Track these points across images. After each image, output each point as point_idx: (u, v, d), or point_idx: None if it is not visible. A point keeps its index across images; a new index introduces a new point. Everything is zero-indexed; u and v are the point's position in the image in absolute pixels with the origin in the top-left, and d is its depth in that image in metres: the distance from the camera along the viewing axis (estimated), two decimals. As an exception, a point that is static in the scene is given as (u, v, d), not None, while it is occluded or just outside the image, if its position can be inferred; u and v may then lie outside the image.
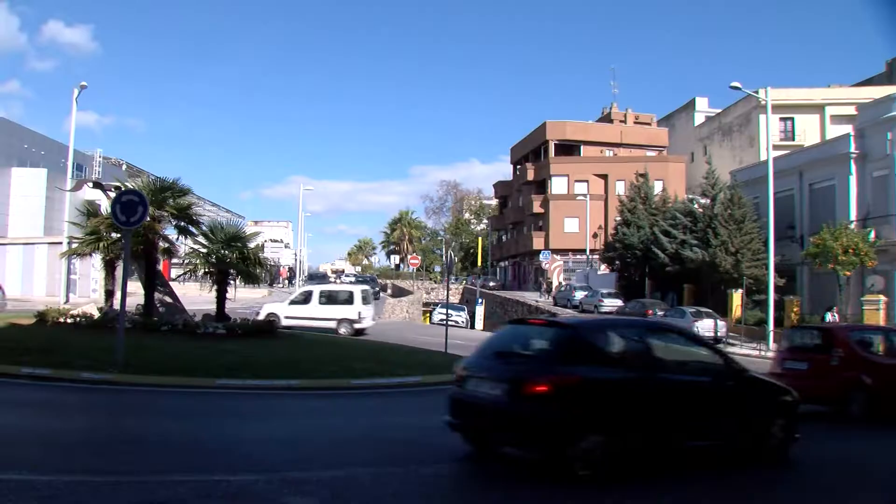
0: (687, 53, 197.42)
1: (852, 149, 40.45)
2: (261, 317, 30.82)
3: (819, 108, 61.72)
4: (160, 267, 28.25)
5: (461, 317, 51.58)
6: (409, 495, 7.94)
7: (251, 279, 28.57)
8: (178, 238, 27.46)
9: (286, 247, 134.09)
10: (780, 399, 11.13)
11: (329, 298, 34.55)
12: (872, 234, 37.03)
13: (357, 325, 33.17)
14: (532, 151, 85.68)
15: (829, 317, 33.79)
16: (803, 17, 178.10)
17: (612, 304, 49.58)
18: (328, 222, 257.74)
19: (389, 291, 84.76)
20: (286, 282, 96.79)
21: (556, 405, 8.71)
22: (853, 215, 39.57)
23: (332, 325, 32.72)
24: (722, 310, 41.50)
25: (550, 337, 9.93)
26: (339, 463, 9.26)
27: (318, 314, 33.30)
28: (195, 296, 41.95)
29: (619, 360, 9.91)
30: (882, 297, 35.30)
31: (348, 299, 34.01)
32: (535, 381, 8.91)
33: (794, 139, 60.25)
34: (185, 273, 31.48)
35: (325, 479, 8.24)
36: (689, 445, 9.88)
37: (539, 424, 8.73)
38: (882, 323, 34.11)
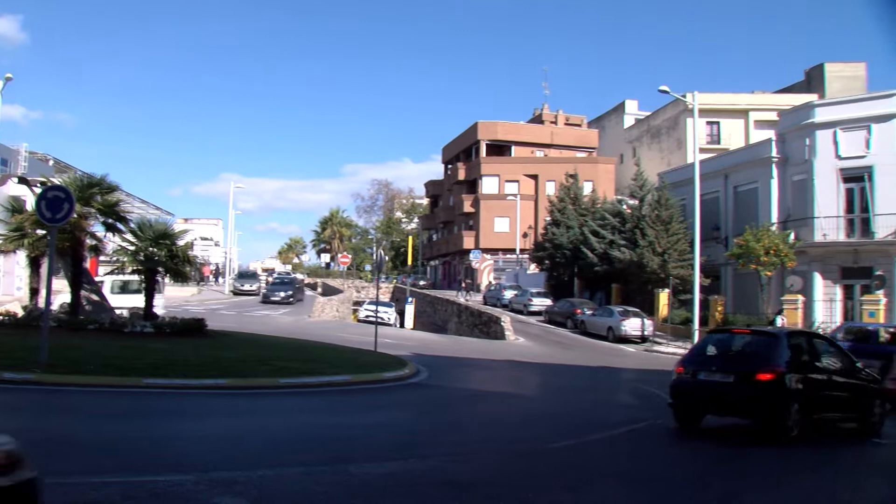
0: (618, 57, 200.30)
1: (774, 153, 41.44)
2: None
3: (743, 113, 63.15)
4: (87, 265, 27.69)
5: (389, 314, 51.29)
6: (338, 494, 7.90)
7: (180, 277, 28.17)
8: (105, 235, 26.91)
9: (216, 245, 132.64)
10: (879, 389, 15.39)
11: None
12: (792, 236, 38.00)
13: None
14: (463, 151, 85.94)
15: (779, 320, 34.54)
16: (729, 24, 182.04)
17: (541, 303, 50.09)
18: (259, 220, 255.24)
19: (320, 290, 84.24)
20: (214, 279, 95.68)
21: (775, 387, 12.55)
22: (775, 217, 40.53)
23: None
24: (649, 309, 42.25)
25: (761, 342, 14.07)
26: (268, 462, 9.16)
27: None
28: (123, 294, 41.29)
29: (804, 357, 13.76)
30: (800, 297, 36.33)
31: None
32: (763, 371, 12.78)
33: (719, 143, 61.50)
34: (112, 271, 30.83)
35: (253, 478, 8.15)
36: (827, 417, 14.01)
37: (766, 400, 12.56)
38: (799, 323, 35.17)
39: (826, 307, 37.51)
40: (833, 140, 38.54)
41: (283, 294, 58.53)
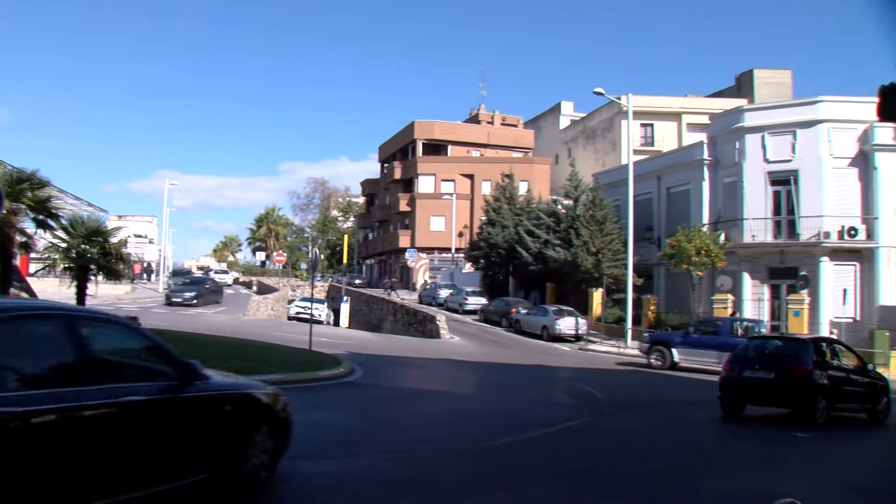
0: (554, 58, 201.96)
1: (705, 156, 42.21)
2: None
3: (677, 116, 64.10)
4: (17, 262, 27.12)
5: (321, 311, 50.68)
6: (271, 494, 7.92)
7: (113, 275, 27.69)
8: (36, 232, 26.38)
9: (150, 242, 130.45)
10: (884, 385, 18.48)
11: None
12: (722, 237, 38.71)
13: None
14: (400, 150, 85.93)
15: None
16: (664, 29, 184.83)
17: (476, 302, 50.31)
18: (195, 218, 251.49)
19: (255, 288, 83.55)
20: (146, 276, 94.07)
21: (807, 382, 15.72)
22: (706, 218, 41.28)
23: None
24: (583, 308, 42.72)
25: (793, 346, 17.51)
26: None
27: None
28: (55, 292, 40.27)
29: (827, 358, 16.87)
30: (730, 297, 37.07)
31: None
32: (798, 369, 15.92)
33: (653, 144, 62.34)
34: (43, 268, 30.20)
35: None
36: (846, 408, 17.26)
37: (801, 392, 15.75)
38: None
39: (754, 306, 38.35)
40: (761, 144, 39.41)
41: (187, 295, 53.01)
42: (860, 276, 37.74)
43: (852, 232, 37.02)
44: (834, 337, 26.75)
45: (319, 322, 29.32)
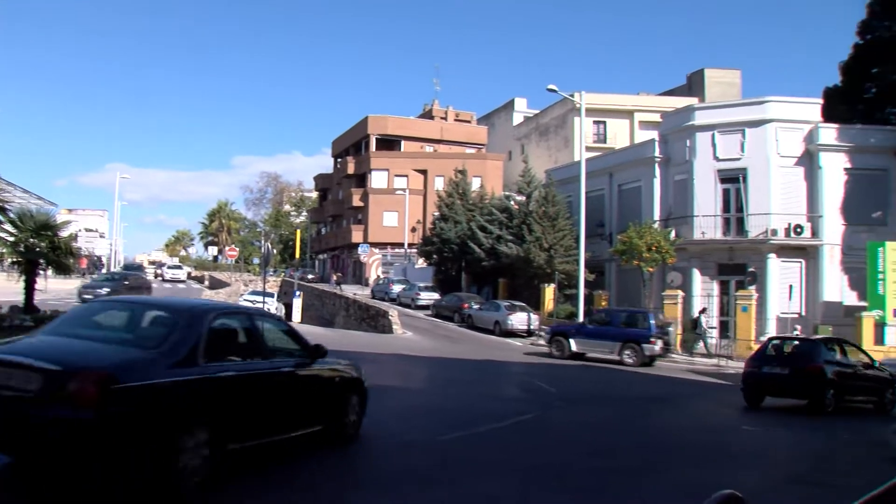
0: (508, 55, 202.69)
1: (657, 153, 42.59)
2: None
3: (629, 114, 64.74)
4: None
5: (270, 305, 49.96)
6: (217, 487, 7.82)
7: (63, 269, 27.34)
8: (-18, 226, 25.94)
9: (101, 236, 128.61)
10: (890, 378, 20.61)
11: None
12: (673, 234, 39.17)
13: None
14: (353, 145, 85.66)
15: (703, 319, 35.34)
16: (617, 27, 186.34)
17: (428, 297, 50.38)
18: (147, 212, 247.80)
19: (207, 283, 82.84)
20: (97, 271, 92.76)
21: (819, 377, 17.93)
22: (657, 215, 41.66)
23: None
24: (535, 303, 42.94)
25: (806, 345, 20.17)
26: None
27: None
28: (2, 287, 39.67)
29: (836, 356, 19.35)
30: (680, 293, 37.51)
31: None
32: (812, 366, 18.15)
33: (605, 142, 62.87)
34: (-10, 263, 29.72)
35: None
36: (854, 400, 19.44)
37: (812, 385, 17.96)
38: (678, 315, 36.41)
39: (704, 302, 38.78)
40: (711, 142, 39.89)
41: (101, 292, 44.50)
42: (805, 273, 38.43)
43: (798, 230, 37.67)
44: (842, 337, 27.76)
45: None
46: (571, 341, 31.01)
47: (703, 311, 36.21)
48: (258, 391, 8.63)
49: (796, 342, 21.11)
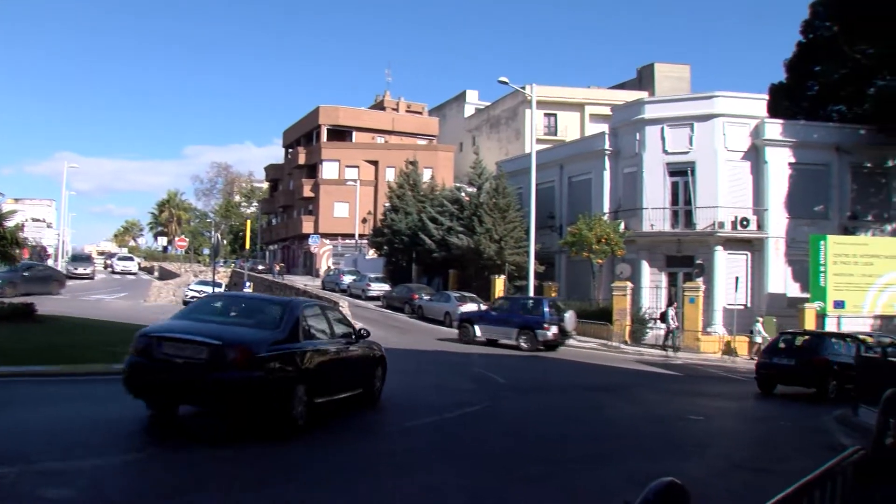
0: (460, 46, 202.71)
1: (607, 146, 42.98)
2: None
3: (580, 107, 65.25)
4: None
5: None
6: (170, 480, 7.79)
7: (8, 259, 26.93)
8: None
9: (49, 226, 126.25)
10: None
11: None
12: (622, 226, 39.56)
13: None
14: (305, 135, 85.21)
15: (671, 313, 35.64)
16: (569, 20, 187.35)
17: (379, 288, 50.30)
18: (96, 202, 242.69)
19: (157, 274, 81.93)
20: (40, 261, 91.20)
21: (824, 368, 20.14)
22: (606, 207, 42.09)
23: None
24: (485, 294, 43.00)
25: (815, 339, 22.27)
26: (99, 451, 8.82)
27: None
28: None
29: (842, 350, 21.02)
30: (629, 284, 37.86)
31: None
32: (819, 359, 20.37)
33: (556, 134, 63.31)
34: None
35: (84, 468, 7.90)
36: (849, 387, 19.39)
37: (818, 375, 20.05)
38: (627, 307, 36.80)
39: (652, 293, 39.30)
40: (661, 136, 40.37)
41: None
42: (751, 265, 39.15)
43: (744, 222, 38.30)
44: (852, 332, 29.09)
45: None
46: (476, 327, 32.44)
47: (671, 303, 36.50)
48: (331, 361, 11.92)
49: (806, 336, 23.49)
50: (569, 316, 32.13)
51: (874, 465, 3.32)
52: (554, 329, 30.96)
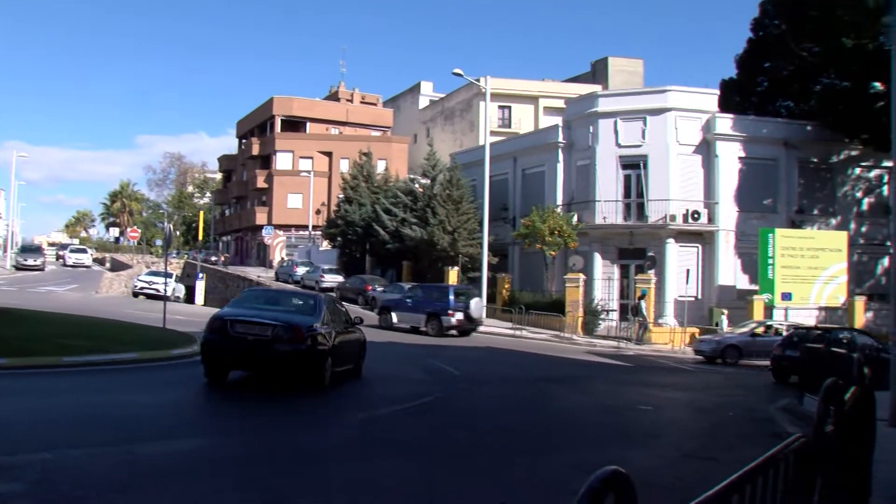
0: (415, 38, 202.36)
1: (560, 139, 43.19)
2: None
3: (534, 99, 65.53)
4: None
5: (167, 285, 47.08)
6: (122, 475, 7.70)
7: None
8: None
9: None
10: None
11: None
12: (575, 218, 39.83)
13: None
14: (258, 126, 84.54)
15: (643, 305, 35.78)
16: (524, 12, 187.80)
17: (332, 279, 50.10)
18: (46, 191, 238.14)
19: (108, 265, 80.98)
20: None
21: None
22: (560, 200, 42.31)
23: None
24: (439, 286, 43.22)
25: (821, 334, 23.18)
26: (48, 445, 8.66)
27: None
28: None
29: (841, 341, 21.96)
30: (581, 276, 38.19)
31: None
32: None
33: (510, 126, 63.53)
34: None
35: (33, 462, 7.75)
36: None
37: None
38: (580, 298, 37.11)
39: (605, 285, 39.60)
40: (614, 129, 40.65)
41: None
42: (702, 257, 39.64)
43: (695, 215, 38.76)
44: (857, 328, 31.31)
45: (166, 298, 28.64)
46: (393, 314, 33.75)
47: (643, 296, 36.78)
48: (344, 341, 15.83)
49: (817, 331, 24.61)
50: (474, 303, 33.23)
51: (815, 452, 3.42)
52: (459, 315, 32.29)
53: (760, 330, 30.89)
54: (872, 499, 6.27)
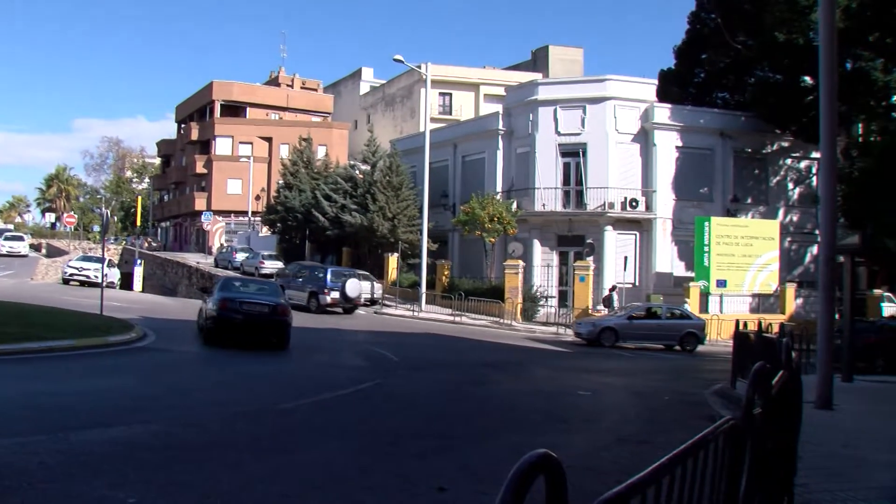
0: (356, 23, 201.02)
1: (500, 126, 43.37)
2: None
3: (475, 87, 65.70)
4: None
5: (99, 272, 45.19)
6: (56, 464, 7.54)
7: None
8: None
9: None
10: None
11: None
12: (515, 205, 40.06)
13: None
14: (198, 111, 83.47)
15: (615, 297, 35.88)
16: (464, 1, 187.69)
17: (272, 265, 49.74)
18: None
19: (44, 251, 79.40)
20: None
21: None
22: (499, 187, 42.52)
23: None
24: (379, 272, 43.21)
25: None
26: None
27: None
28: None
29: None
30: (521, 263, 38.43)
31: None
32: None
33: (451, 113, 63.62)
34: None
35: None
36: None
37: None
38: (519, 285, 37.37)
39: (544, 272, 39.90)
40: (553, 117, 40.93)
41: None
42: (639, 245, 40.18)
43: (633, 203, 39.26)
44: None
45: (102, 285, 28.21)
46: (287, 291, 33.74)
47: (614, 288, 36.79)
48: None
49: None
50: (350, 284, 34.90)
51: (743, 434, 3.54)
52: (334, 294, 34.51)
53: (640, 314, 31.20)
54: (797, 477, 6.50)
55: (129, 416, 10.55)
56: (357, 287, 35.26)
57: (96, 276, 43.30)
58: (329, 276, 35.37)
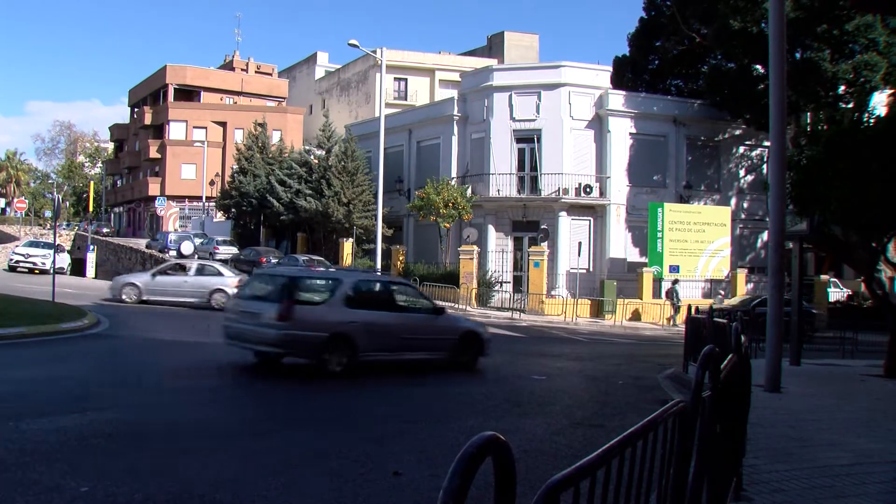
0: (311, 8, 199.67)
1: (456, 112, 43.40)
2: None
3: (430, 72, 65.54)
4: None
5: (47, 258, 43.57)
6: (7, 453, 7.54)
7: None
8: None
9: None
10: None
11: None
12: (469, 191, 40.17)
13: None
14: (151, 95, 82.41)
15: (678, 290, 35.74)
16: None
17: (226, 251, 49.36)
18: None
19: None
20: None
21: None
22: (454, 172, 42.57)
23: None
24: (334, 258, 43.06)
25: None
26: None
27: None
28: None
29: None
30: (475, 248, 38.54)
31: None
32: None
33: (406, 99, 63.47)
34: None
35: None
36: None
37: None
38: (474, 270, 37.47)
39: (498, 257, 40.06)
40: (508, 103, 41.03)
41: None
42: (593, 231, 40.48)
43: (588, 189, 39.48)
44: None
45: (53, 272, 27.91)
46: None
47: (676, 281, 36.61)
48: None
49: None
50: (184, 244, 42.77)
51: (693, 417, 3.59)
52: (171, 254, 39.16)
53: None
54: (746, 458, 6.60)
55: (82, 403, 10.47)
56: (191, 247, 42.48)
57: (44, 263, 42.71)
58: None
